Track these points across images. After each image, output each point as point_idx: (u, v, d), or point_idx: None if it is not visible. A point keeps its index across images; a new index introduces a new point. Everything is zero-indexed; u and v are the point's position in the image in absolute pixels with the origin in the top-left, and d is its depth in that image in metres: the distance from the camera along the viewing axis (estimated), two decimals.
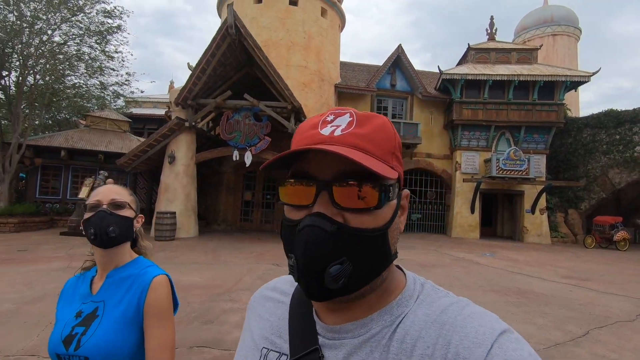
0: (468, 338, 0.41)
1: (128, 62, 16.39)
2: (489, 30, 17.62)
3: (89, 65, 13.22)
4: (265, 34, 14.54)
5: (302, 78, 14.73)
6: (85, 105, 15.92)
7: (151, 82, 58.17)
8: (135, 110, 20.66)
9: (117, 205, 1.08)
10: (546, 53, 21.61)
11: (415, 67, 16.59)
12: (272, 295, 0.60)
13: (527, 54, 16.50)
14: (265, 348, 0.53)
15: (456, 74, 15.24)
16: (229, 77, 12.48)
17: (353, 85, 16.43)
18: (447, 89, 16.00)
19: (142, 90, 20.72)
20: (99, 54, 13.15)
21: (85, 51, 13.10)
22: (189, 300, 4.92)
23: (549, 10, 22.41)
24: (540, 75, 14.96)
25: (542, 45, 18.85)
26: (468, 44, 16.83)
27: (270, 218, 15.25)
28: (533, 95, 15.41)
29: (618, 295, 6.42)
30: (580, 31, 24.21)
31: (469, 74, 15.18)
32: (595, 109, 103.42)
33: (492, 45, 16.79)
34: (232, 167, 14.64)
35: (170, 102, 12.08)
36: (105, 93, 15.40)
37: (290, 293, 0.58)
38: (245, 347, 0.57)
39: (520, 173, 14.59)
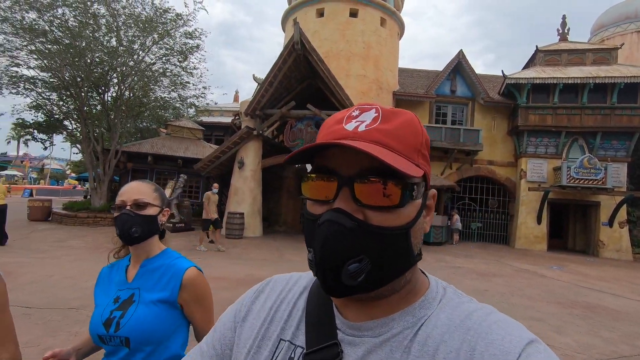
0: (494, 345, 0.40)
1: (205, 77, 18.09)
2: (561, 30, 16.61)
3: (172, 81, 14.99)
4: (326, 45, 15.27)
5: (361, 87, 15.19)
6: (163, 115, 17.87)
7: (223, 94, 60.87)
8: (204, 119, 22.62)
9: (140, 205, 1.17)
10: (629, 52, 19.60)
11: (477, 71, 16.21)
12: (291, 284, 0.60)
13: (605, 54, 15.27)
14: (281, 339, 0.53)
15: (522, 78, 14.63)
16: (293, 89, 13.36)
17: (411, 92, 16.50)
18: (512, 94, 15.38)
19: (216, 102, 22.64)
20: (181, 71, 14.85)
21: (169, 68, 14.88)
22: None
23: (633, 4, 20.25)
24: (620, 77, 13.80)
25: (624, 44, 17.26)
26: (536, 46, 16.05)
27: None
28: (612, 99, 14.24)
29: None
30: None
31: (537, 77, 14.48)
32: None
33: (564, 46, 15.81)
34: (294, 173, 15.53)
35: (240, 112, 13.26)
36: (183, 104, 17.21)
37: (309, 287, 0.58)
38: (248, 331, 0.57)
39: (595, 182, 13.54)
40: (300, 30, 11.08)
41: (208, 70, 29.73)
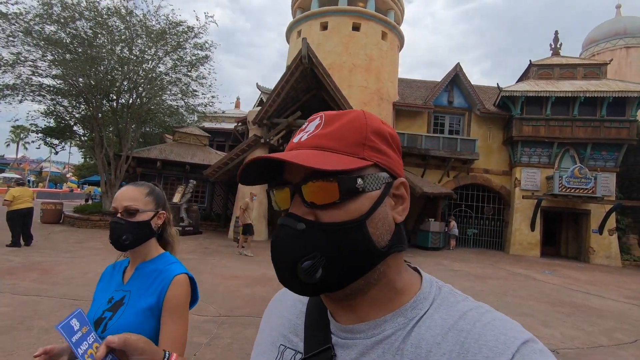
0: (487, 347, 0.40)
1: (214, 87, 18.66)
2: (553, 45, 17.41)
3: (182, 90, 15.56)
4: (330, 58, 15.93)
5: (363, 97, 15.85)
6: (167, 121, 18.32)
7: (230, 104, 60.94)
8: (206, 124, 23.06)
9: (130, 212, 1.14)
10: (618, 67, 20.49)
11: (473, 79, 17.05)
12: (293, 294, 0.58)
13: (595, 69, 16.06)
14: (283, 345, 0.55)
15: (516, 90, 15.36)
16: (299, 99, 13.98)
17: (410, 103, 17.19)
18: (507, 106, 16.11)
19: (224, 111, 23.15)
20: (190, 81, 15.43)
21: (178, 77, 15.45)
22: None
23: (622, 22, 21.19)
24: (609, 91, 14.55)
25: (612, 59, 18.12)
26: (530, 60, 16.82)
27: None
28: (601, 112, 14.99)
29: None
30: None
31: (530, 90, 15.21)
32: None
33: (556, 60, 16.60)
34: None
35: (247, 121, 13.83)
36: (188, 111, 17.72)
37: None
38: (264, 343, 0.59)
39: (585, 191, 14.21)
40: (308, 45, 11.72)
41: (217, 80, 30.26)
